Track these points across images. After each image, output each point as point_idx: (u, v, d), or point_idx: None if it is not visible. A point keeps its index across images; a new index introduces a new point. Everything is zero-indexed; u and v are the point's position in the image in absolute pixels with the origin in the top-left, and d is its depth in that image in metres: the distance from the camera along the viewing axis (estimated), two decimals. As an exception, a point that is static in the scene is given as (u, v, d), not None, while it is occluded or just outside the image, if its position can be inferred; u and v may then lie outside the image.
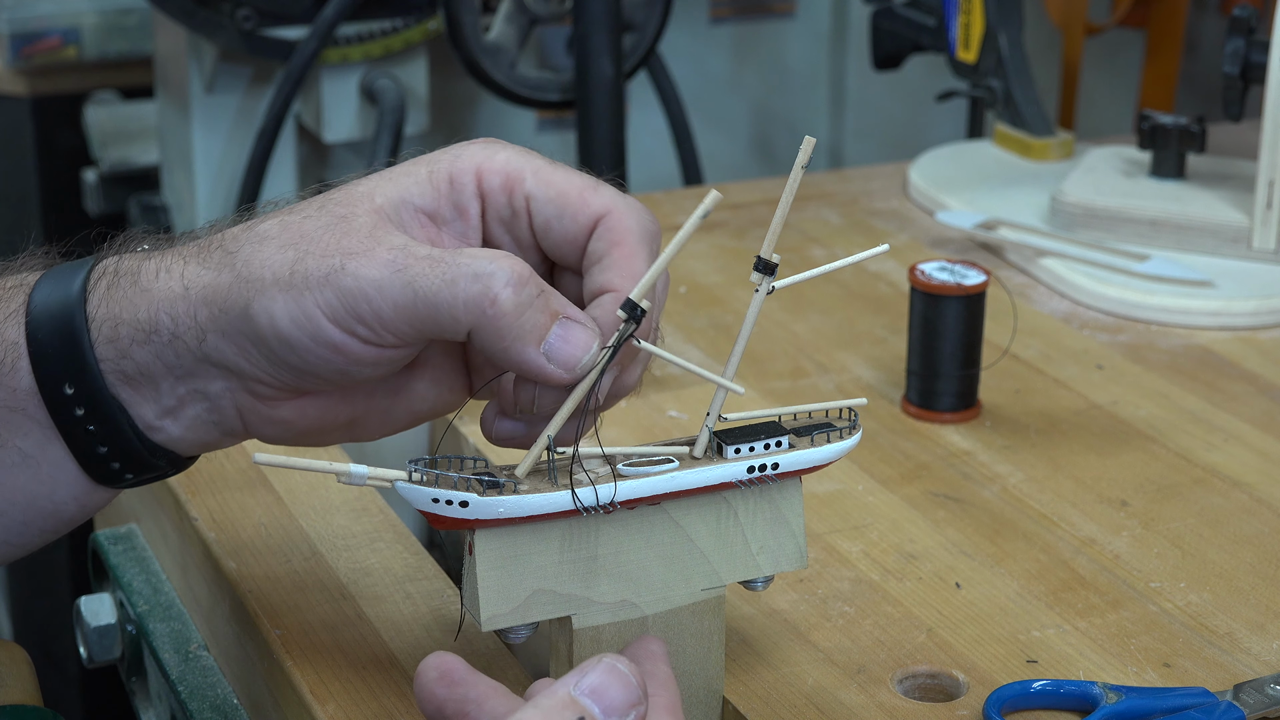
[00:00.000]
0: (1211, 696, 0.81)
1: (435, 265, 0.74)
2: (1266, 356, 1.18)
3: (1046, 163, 1.47)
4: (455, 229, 0.79)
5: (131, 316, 0.79)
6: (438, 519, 0.73)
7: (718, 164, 1.97)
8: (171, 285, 0.79)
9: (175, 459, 0.83)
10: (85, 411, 0.80)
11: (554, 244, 0.80)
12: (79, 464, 0.81)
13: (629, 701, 0.67)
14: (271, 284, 0.76)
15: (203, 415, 0.81)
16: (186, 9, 1.70)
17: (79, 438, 0.81)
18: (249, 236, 0.78)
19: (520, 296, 0.74)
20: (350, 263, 0.75)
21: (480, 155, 0.80)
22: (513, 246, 0.80)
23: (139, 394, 0.80)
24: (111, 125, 2.04)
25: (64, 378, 0.80)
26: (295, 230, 0.77)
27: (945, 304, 1.06)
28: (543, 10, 1.69)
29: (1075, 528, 0.97)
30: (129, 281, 0.80)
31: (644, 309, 0.73)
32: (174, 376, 0.80)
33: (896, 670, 0.84)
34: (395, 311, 0.75)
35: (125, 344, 0.79)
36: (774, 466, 0.78)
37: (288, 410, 0.80)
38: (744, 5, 2.02)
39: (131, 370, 0.80)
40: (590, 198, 0.78)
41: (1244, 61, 1.29)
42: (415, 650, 0.85)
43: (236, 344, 0.78)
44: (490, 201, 0.79)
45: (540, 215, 0.79)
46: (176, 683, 0.95)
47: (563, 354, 0.75)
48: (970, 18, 1.49)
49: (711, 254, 1.34)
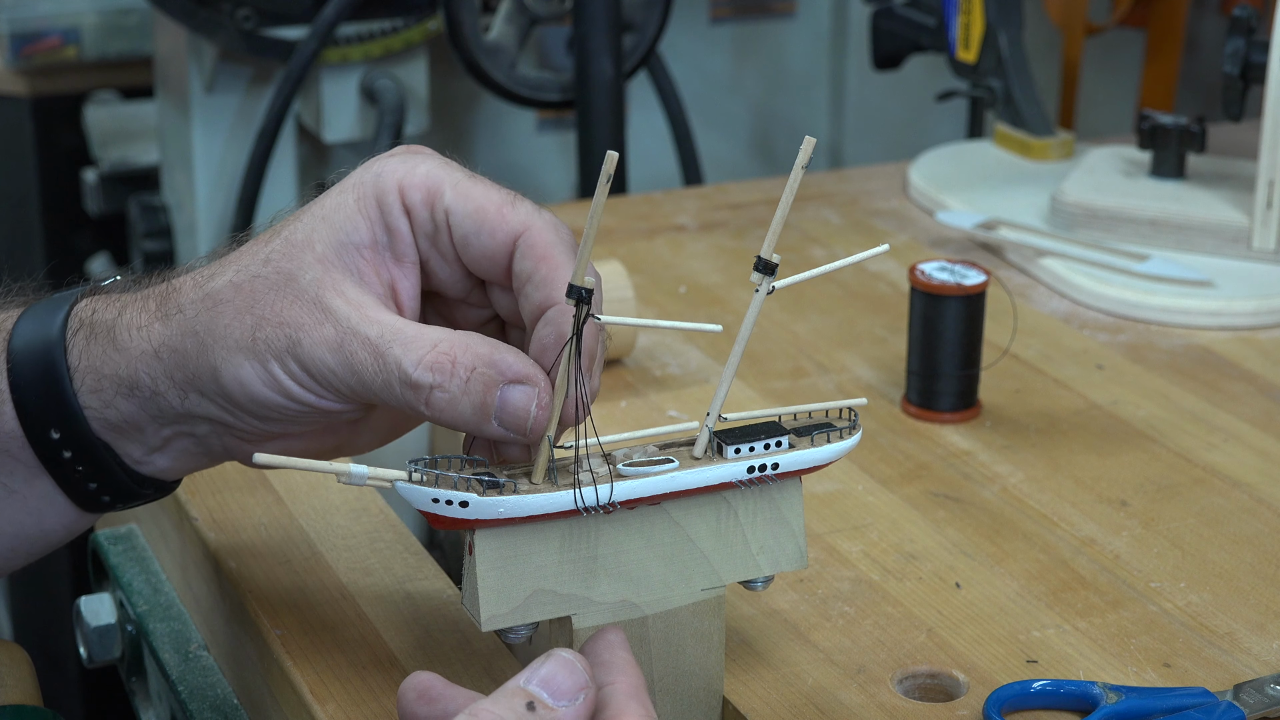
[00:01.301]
0: (1211, 696, 0.81)
1: (375, 359, 0.76)
2: (1266, 356, 1.18)
3: (1046, 163, 1.47)
4: (392, 249, 0.80)
5: (113, 372, 0.81)
6: (438, 519, 0.73)
7: (718, 164, 1.97)
8: (144, 346, 0.80)
9: (162, 485, 0.85)
10: (73, 454, 0.82)
11: (473, 259, 0.80)
12: (67, 496, 0.83)
13: (576, 685, 0.69)
14: (235, 350, 0.78)
15: (190, 448, 0.83)
16: (186, 9, 1.70)
17: (68, 476, 0.83)
18: (204, 302, 0.79)
19: (452, 390, 0.76)
20: (304, 338, 0.77)
21: (401, 170, 0.80)
22: (440, 260, 0.81)
23: (125, 437, 0.82)
24: (111, 125, 2.04)
25: (49, 423, 0.81)
26: (247, 294, 0.78)
27: (945, 304, 1.06)
28: (543, 10, 1.69)
29: (1075, 528, 0.97)
30: (105, 337, 0.81)
31: (589, 288, 0.72)
32: (159, 424, 0.82)
33: (896, 670, 0.84)
34: (350, 389, 0.77)
35: (109, 395, 0.81)
36: (774, 466, 0.78)
37: (275, 446, 0.82)
38: (744, 5, 2.02)
39: (116, 419, 0.82)
40: (508, 214, 0.79)
41: (1244, 61, 1.29)
42: (415, 650, 0.85)
43: (216, 403, 0.80)
44: (415, 216, 0.80)
45: (459, 230, 0.80)
46: (176, 683, 0.95)
47: (512, 419, 0.76)
48: (970, 18, 1.49)
49: (711, 254, 1.34)
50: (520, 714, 0.67)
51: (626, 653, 0.73)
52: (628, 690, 0.71)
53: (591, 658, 0.72)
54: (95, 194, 2.02)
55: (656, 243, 1.36)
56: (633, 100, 1.87)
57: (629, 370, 1.14)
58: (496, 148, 1.93)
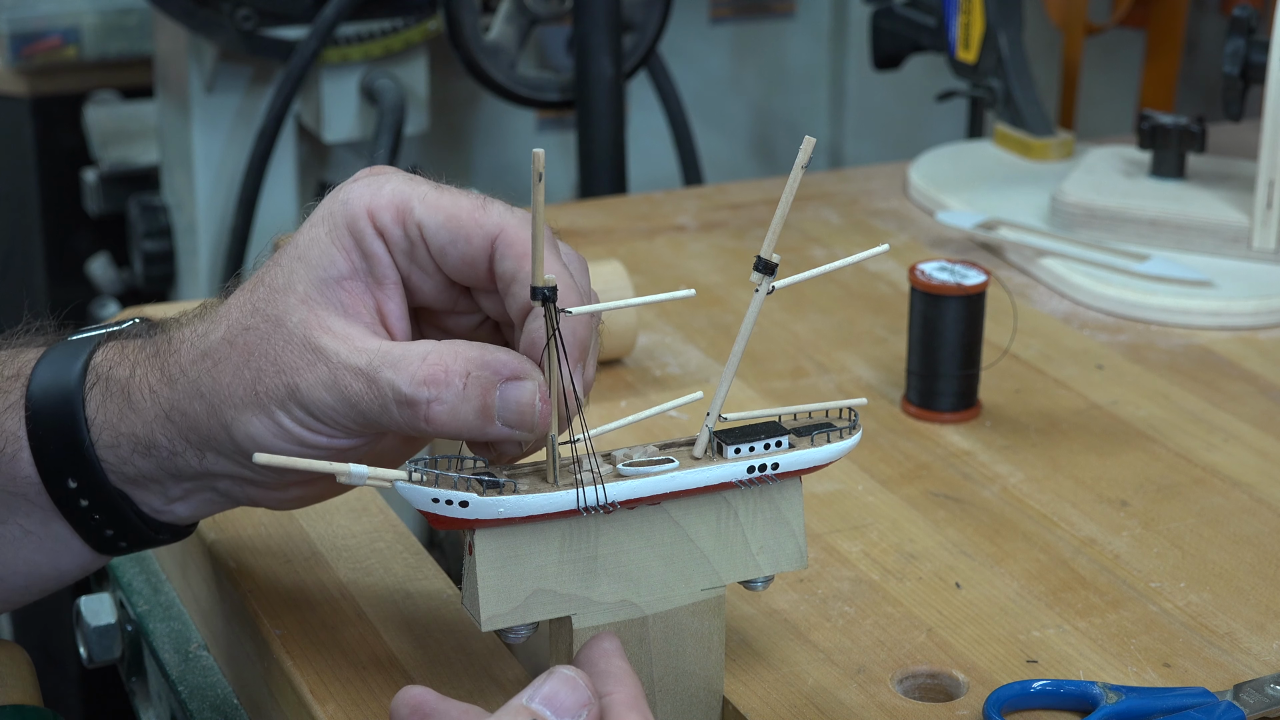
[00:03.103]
0: (1211, 696, 0.81)
1: (369, 387, 0.76)
2: (1266, 356, 1.18)
3: (1046, 163, 1.47)
4: (373, 274, 0.80)
5: (129, 430, 0.82)
6: (438, 519, 0.73)
7: (718, 164, 1.97)
8: (156, 409, 0.81)
9: (178, 529, 0.86)
10: (90, 503, 0.83)
11: (453, 267, 0.80)
12: (83, 540, 0.84)
13: (579, 702, 0.69)
14: (241, 407, 0.78)
15: (212, 498, 0.84)
16: (186, 9, 1.70)
17: (85, 522, 0.83)
18: (204, 362, 0.80)
19: (450, 400, 0.75)
20: (300, 381, 0.77)
21: (367, 193, 0.80)
22: (420, 275, 0.81)
23: (144, 489, 0.83)
24: (111, 125, 2.04)
25: (67, 472, 0.82)
26: (242, 348, 0.79)
27: (945, 304, 1.06)
28: (543, 10, 1.69)
29: (1075, 528, 0.97)
30: (120, 395, 0.82)
31: (550, 287, 0.72)
32: (177, 479, 0.83)
33: (896, 670, 0.84)
34: (354, 423, 0.77)
35: (126, 452, 0.82)
36: (774, 466, 0.78)
37: (296, 489, 0.83)
38: (744, 5, 2.02)
39: (134, 474, 0.82)
40: (481, 217, 0.79)
41: (1244, 61, 1.29)
42: (415, 650, 0.85)
43: (234, 460, 0.81)
44: (389, 235, 0.80)
45: (435, 241, 0.79)
46: (176, 683, 0.95)
47: (516, 415, 0.76)
48: (970, 18, 1.49)
49: (711, 254, 1.34)
50: None
51: (623, 661, 0.73)
52: (626, 700, 0.71)
53: (588, 668, 0.73)
54: (95, 194, 2.02)
55: (656, 243, 1.36)
56: (633, 100, 1.87)
57: (629, 370, 1.14)
58: (496, 148, 1.93)
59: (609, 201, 1.46)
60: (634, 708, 0.71)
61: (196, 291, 1.85)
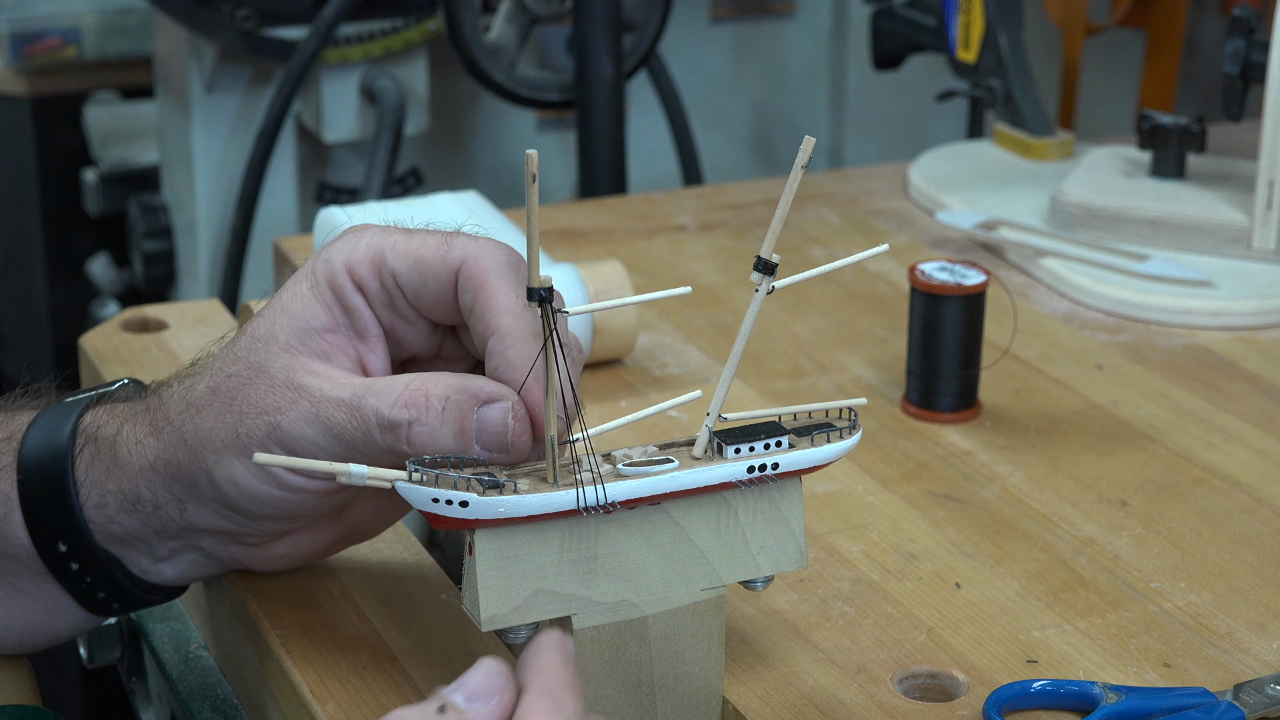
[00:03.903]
0: (1211, 696, 0.81)
1: (351, 415, 0.78)
2: (1266, 356, 1.18)
3: (1046, 163, 1.47)
4: (355, 326, 0.82)
5: (116, 487, 0.83)
6: (438, 519, 0.73)
7: (718, 164, 1.97)
8: (142, 461, 0.83)
9: (170, 590, 0.87)
10: (80, 566, 0.84)
11: (429, 308, 0.82)
12: (76, 601, 0.86)
13: (492, 689, 0.69)
14: (223, 450, 0.80)
15: (199, 559, 0.86)
16: (186, 9, 1.70)
17: (76, 585, 0.85)
18: (188, 411, 0.81)
19: (430, 422, 0.77)
20: (282, 419, 0.78)
21: (345, 250, 0.82)
22: (403, 324, 0.83)
23: (132, 549, 0.85)
24: (111, 125, 2.04)
25: (57, 536, 0.84)
26: (225, 394, 0.80)
27: (945, 304, 1.06)
28: (543, 10, 1.69)
29: (1075, 528, 0.97)
30: (107, 453, 0.84)
31: (546, 288, 0.72)
32: (163, 537, 0.84)
33: (896, 670, 0.84)
34: (335, 457, 0.78)
35: (112, 511, 0.83)
36: (774, 466, 0.78)
37: (280, 547, 0.85)
38: (744, 5, 2.02)
39: (120, 533, 0.84)
40: (445, 253, 0.81)
41: (1244, 61, 1.29)
42: (415, 650, 0.85)
43: (215, 510, 0.82)
44: (367, 289, 0.82)
45: (408, 285, 0.81)
46: (176, 683, 0.95)
47: (491, 437, 0.77)
48: (970, 18, 1.49)
49: (711, 254, 1.34)
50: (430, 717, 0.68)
51: (554, 654, 0.73)
52: (541, 686, 0.71)
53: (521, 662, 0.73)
54: (95, 194, 2.03)
55: (656, 243, 1.36)
56: (633, 100, 1.87)
57: (629, 370, 1.14)
58: (496, 148, 1.93)
59: (609, 201, 1.46)
60: (547, 694, 0.71)
61: (196, 291, 1.85)
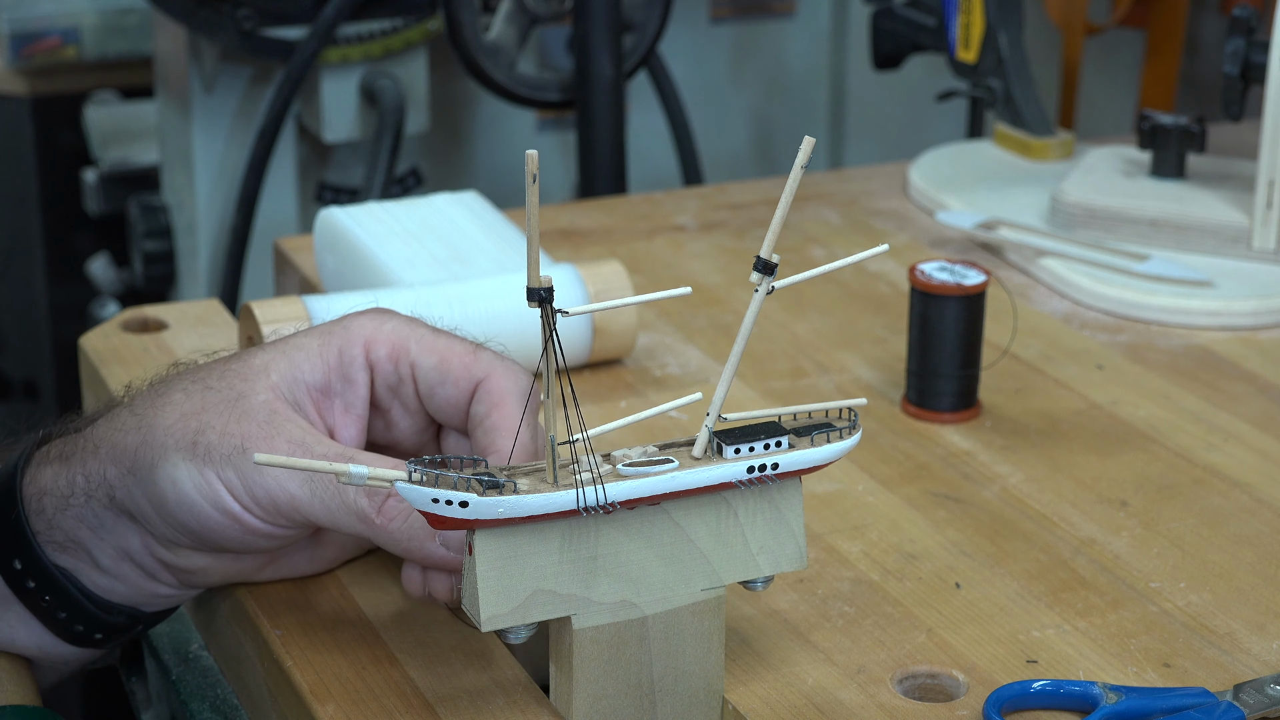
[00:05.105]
0: (1211, 696, 0.81)
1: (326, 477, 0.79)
2: (1266, 356, 1.18)
3: (1046, 163, 1.47)
4: (344, 398, 0.84)
5: (53, 486, 0.84)
6: (438, 519, 0.73)
7: (718, 164, 1.97)
8: (87, 445, 0.83)
9: (138, 614, 0.87)
10: (36, 584, 0.84)
11: (438, 407, 0.85)
12: (44, 626, 0.86)
13: None
14: (174, 449, 0.80)
15: (138, 574, 0.85)
16: (186, 9, 1.70)
17: (37, 605, 0.85)
18: (156, 402, 0.82)
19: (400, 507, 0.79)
20: (251, 449, 0.79)
21: (369, 327, 0.84)
22: (401, 411, 0.86)
23: (77, 559, 0.85)
24: (111, 125, 2.04)
25: (11, 554, 0.84)
26: (198, 400, 0.81)
27: (945, 304, 1.06)
28: (543, 10, 1.69)
29: (1075, 528, 0.97)
30: (57, 454, 0.85)
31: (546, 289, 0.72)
32: (98, 536, 0.84)
33: (896, 670, 0.84)
34: (290, 507, 0.80)
35: (50, 514, 0.84)
36: (774, 466, 0.78)
37: (201, 559, 0.84)
38: (744, 5, 2.02)
39: (61, 539, 0.84)
40: (471, 364, 0.84)
41: (1244, 61, 1.29)
42: (416, 650, 0.85)
43: (145, 500, 0.82)
44: (378, 370, 0.84)
45: (425, 381, 0.84)
46: (176, 683, 0.95)
47: (455, 538, 0.79)
48: (970, 18, 1.49)
49: (711, 254, 1.34)
50: None
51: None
52: None
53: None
54: (95, 194, 2.03)
55: (656, 243, 1.36)
56: (633, 100, 1.87)
57: (629, 370, 1.14)
58: (496, 148, 1.93)
59: (609, 201, 1.46)
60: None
61: (196, 292, 1.86)
